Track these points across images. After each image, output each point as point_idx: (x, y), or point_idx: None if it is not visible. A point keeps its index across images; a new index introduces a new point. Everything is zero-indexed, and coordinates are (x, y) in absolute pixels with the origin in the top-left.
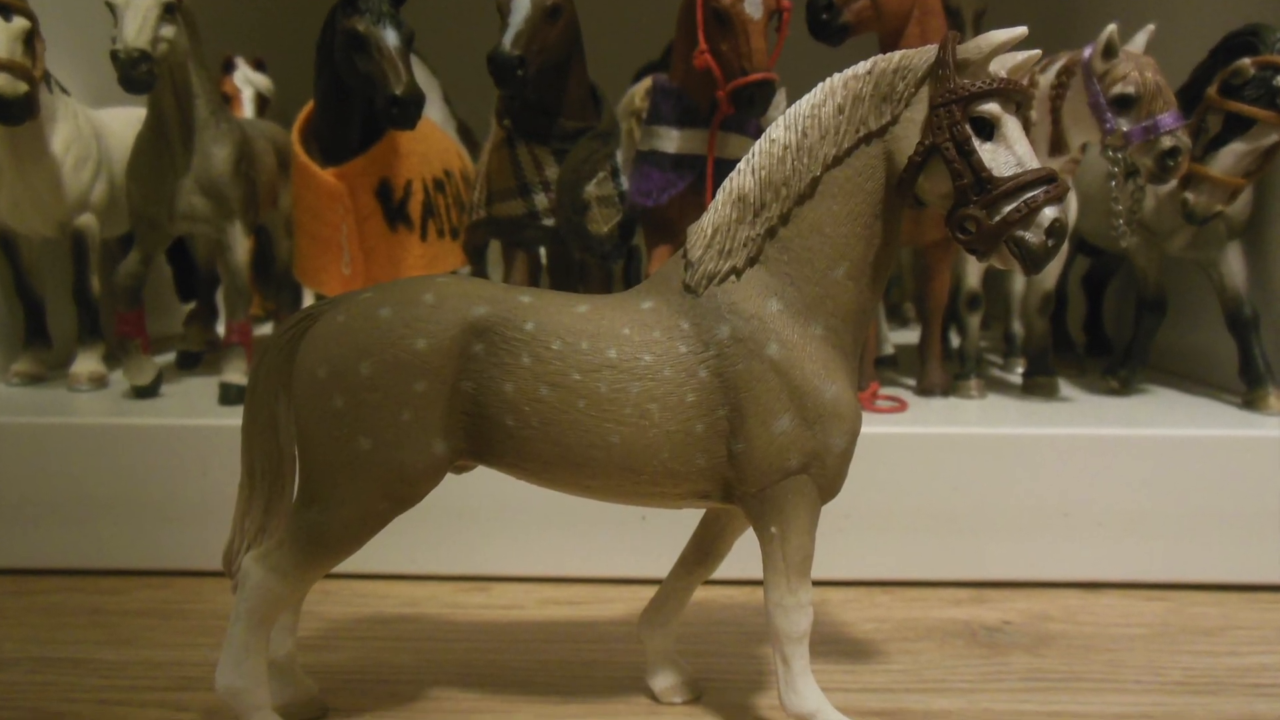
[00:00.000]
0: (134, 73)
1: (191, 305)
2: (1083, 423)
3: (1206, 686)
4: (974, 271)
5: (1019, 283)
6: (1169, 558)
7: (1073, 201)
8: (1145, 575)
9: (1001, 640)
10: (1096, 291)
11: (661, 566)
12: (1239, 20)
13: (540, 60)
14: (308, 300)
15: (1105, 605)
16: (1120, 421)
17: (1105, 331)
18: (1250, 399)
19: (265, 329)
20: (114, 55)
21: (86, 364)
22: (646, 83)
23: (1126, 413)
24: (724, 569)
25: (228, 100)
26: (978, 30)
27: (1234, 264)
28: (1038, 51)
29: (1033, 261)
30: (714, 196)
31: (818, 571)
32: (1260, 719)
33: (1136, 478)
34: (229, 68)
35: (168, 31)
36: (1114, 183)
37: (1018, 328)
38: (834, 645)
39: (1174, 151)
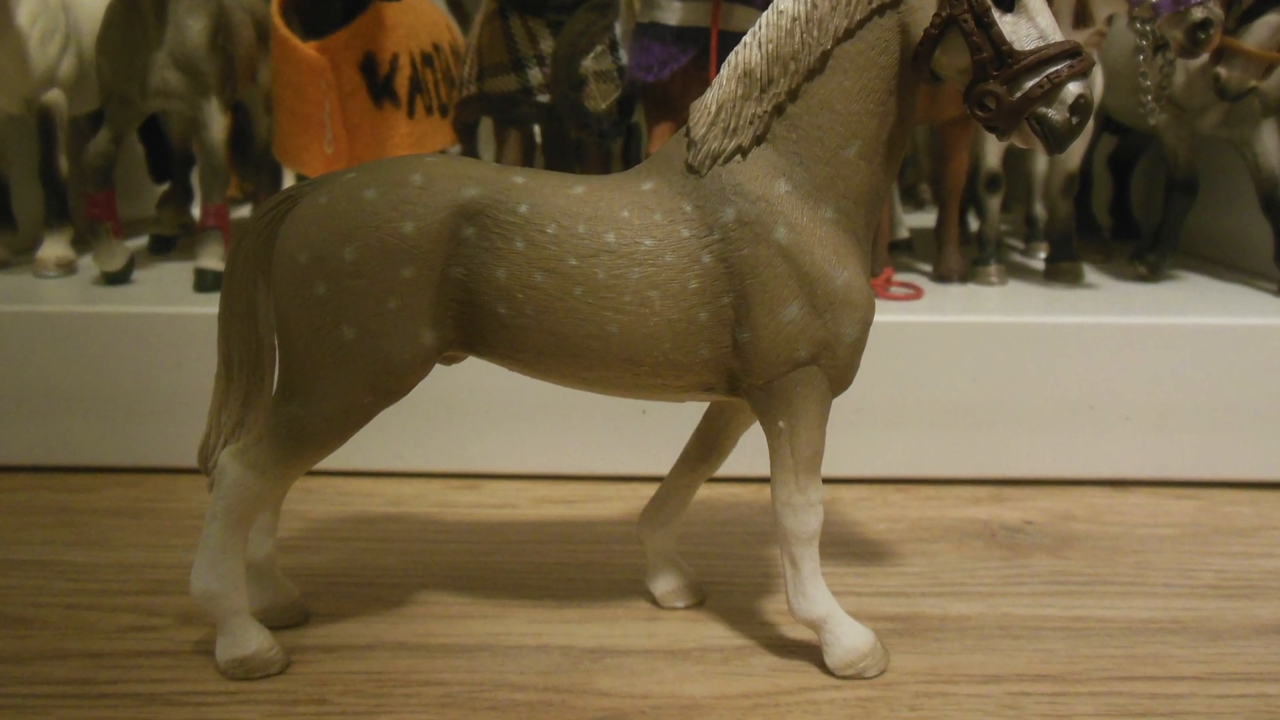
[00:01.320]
0: None
1: (165, 187)
2: (1108, 310)
3: (1240, 590)
4: (993, 151)
5: (1041, 163)
6: (1200, 454)
7: (1098, 76)
8: (1175, 472)
9: (1022, 541)
10: (1124, 172)
11: (662, 463)
12: None
13: None
14: (288, 181)
15: (1132, 504)
16: (1148, 309)
17: (1133, 214)
18: None
19: (243, 212)
20: None
21: (54, 248)
22: None
23: (1155, 300)
24: (729, 465)
25: None
26: None
27: (1269, 142)
28: None
29: (1056, 140)
30: (718, 71)
31: (828, 468)
32: None
33: (1166, 369)
34: None
35: None
36: (1142, 57)
37: (1040, 210)
38: (845, 546)
39: (1205, 24)
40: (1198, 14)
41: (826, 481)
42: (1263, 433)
